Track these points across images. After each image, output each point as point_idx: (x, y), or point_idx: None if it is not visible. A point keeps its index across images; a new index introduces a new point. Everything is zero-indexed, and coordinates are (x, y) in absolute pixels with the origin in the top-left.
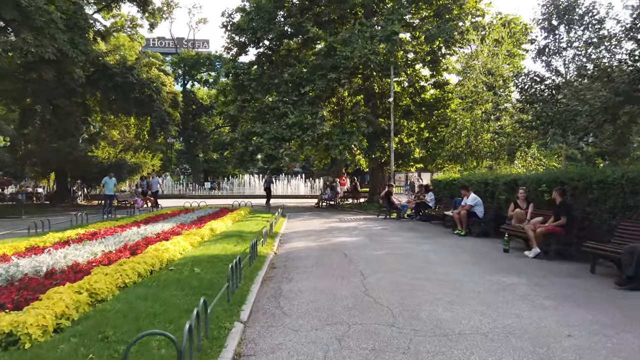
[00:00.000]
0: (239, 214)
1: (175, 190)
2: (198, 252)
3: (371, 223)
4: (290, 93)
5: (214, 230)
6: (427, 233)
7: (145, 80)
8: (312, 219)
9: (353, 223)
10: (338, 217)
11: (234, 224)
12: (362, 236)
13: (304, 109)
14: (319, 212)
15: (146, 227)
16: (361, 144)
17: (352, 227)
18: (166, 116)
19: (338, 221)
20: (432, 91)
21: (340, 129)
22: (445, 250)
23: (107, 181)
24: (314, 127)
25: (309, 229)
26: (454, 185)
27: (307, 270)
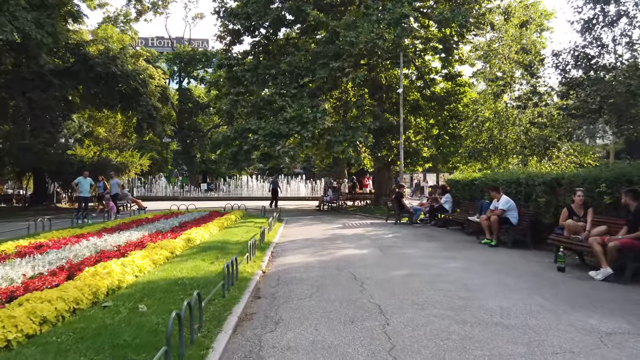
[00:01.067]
0: (229, 219)
1: (169, 192)
2: (159, 273)
3: (380, 229)
4: (288, 85)
5: (192, 240)
6: (448, 243)
7: (131, 72)
8: (313, 225)
9: (359, 229)
10: (342, 222)
11: (220, 232)
12: (372, 247)
13: (304, 102)
14: (321, 216)
15: (110, 237)
16: (367, 141)
17: (358, 234)
18: (154, 111)
19: (342, 227)
20: (441, 85)
21: (343, 124)
22: (482, 269)
23: (81, 182)
24: (314, 122)
25: (308, 237)
26: (474, 186)
27: (304, 303)
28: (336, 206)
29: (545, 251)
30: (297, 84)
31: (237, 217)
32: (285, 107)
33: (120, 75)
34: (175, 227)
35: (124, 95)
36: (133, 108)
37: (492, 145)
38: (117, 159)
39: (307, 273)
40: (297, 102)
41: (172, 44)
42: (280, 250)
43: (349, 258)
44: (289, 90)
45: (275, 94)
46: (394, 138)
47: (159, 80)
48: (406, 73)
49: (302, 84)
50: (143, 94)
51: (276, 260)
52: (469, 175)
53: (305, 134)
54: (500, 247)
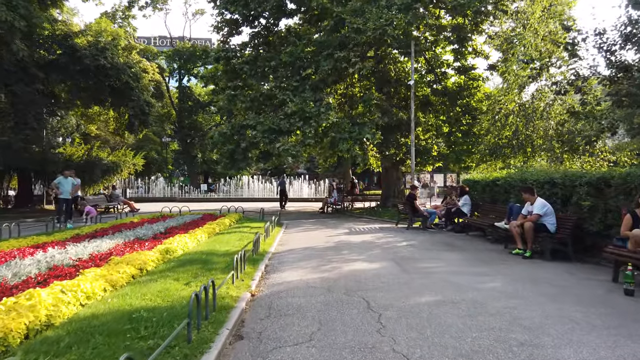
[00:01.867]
0: (222, 224)
1: (168, 193)
2: (113, 301)
3: (391, 236)
4: (289, 77)
5: (171, 251)
6: (474, 253)
7: (121, 64)
8: (316, 229)
9: (367, 236)
10: (347, 227)
11: (209, 239)
12: (386, 260)
13: (306, 96)
14: (324, 219)
15: (76, 247)
16: (374, 138)
17: (367, 242)
18: (146, 107)
19: (348, 233)
20: (453, 79)
21: (349, 120)
22: (530, 292)
23: (61, 182)
24: (317, 117)
25: (310, 245)
26: (497, 187)
27: (299, 352)
28: (341, 208)
29: (591, 264)
30: (299, 77)
31: (232, 221)
32: (286, 101)
33: (110, 68)
34: (159, 234)
35: (114, 89)
36: (124, 103)
37: (516, 141)
38: (108, 157)
39: (307, 298)
40: (299, 95)
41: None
42: (277, 263)
43: (359, 275)
44: (290, 83)
45: (276, 88)
46: (403, 135)
47: (152, 74)
48: (416, 67)
49: (305, 76)
50: (135, 88)
51: (270, 278)
52: (489, 175)
53: (307, 130)
54: (536, 258)
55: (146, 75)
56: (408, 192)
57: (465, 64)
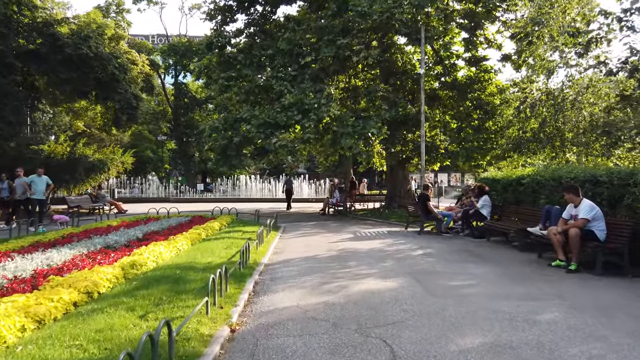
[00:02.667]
0: (211, 228)
1: (163, 193)
2: (15, 356)
3: (402, 241)
4: (287, 66)
5: (138, 266)
6: (506, 265)
7: (107, 54)
8: (316, 234)
9: (376, 242)
10: (352, 231)
11: (192, 247)
12: (404, 275)
13: (305, 86)
14: (325, 222)
15: (23, 259)
16: (380, 133)
17: (376, 249)
18: (134, 100)
19: (353, 238)
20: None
21: (352, 113)
22: (608, 329)
23: (34, 180)
24: (317, 110)
25: (310, 253)
26: (521, 186)
27: None
28: (343, 210)
29: None
30: (298, 65)
31: (223, 225)
32: (283, 92)
33: (93, 57)
34: (133, 241)
35: (99, 82)
36: (110, 97)
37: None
38: (94, 155)
39: (305, 337)
40: (297, 86)
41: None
42: (269, 280)
43: (373, 299)
44: (288, 73)
45: (272, 78)
46: (409, 131)
47: (142, 66)
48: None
49: (304, 65)
50: (122, 80)
51: (258, 302)
52: (511, 173)
53: (306, 124)
54: (583, 272)
55: (135, 67)
56: (420, 193)
57: (476, 55)
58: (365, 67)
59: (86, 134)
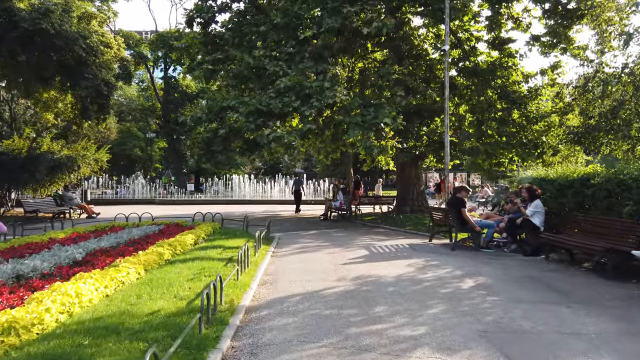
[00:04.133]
0: (182, 243)
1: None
2: None
3: (436, 262)
4: (283, 44)
5: (18, 330)
6: (622, 311)
7: (72, 33)
8: (319, 249)
9: (401, 264)
10: (363, 244)
11: (146, 276)
12: (475, 340)
13: (305, 66)
14: (329, 230)
15: None
16: (395, 123)
17: (407, 279)
18: (105, 87)
19: (368, 256)
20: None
21: (361, 100)
22: None
23: None
24: (320, 94)
25: (313, 287)
26: (588, 188)
27: None
28: (348, 214)
29: None
30: (296, 42)
31: (202, 236)
32: (278, 73)
33: (55, 35)
34: (64, 267)
35: (64, 65)
36: (76, 83)
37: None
38: (62, 151)
39: None
40: (295, 67)
41: None
42: (247, 354)
43: None
44: (284, 51)
45: (265, 57)
46: (423, 124)
47: (117, 50)
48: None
49: (303, 40)
50: (91, 64)
51: None
52: (569, 171)
53: (307, 111)
54: None
55: (109, 50)
56: (450, 196)
57: (501, 36)
58: (376, 45)
59: (61, 128)
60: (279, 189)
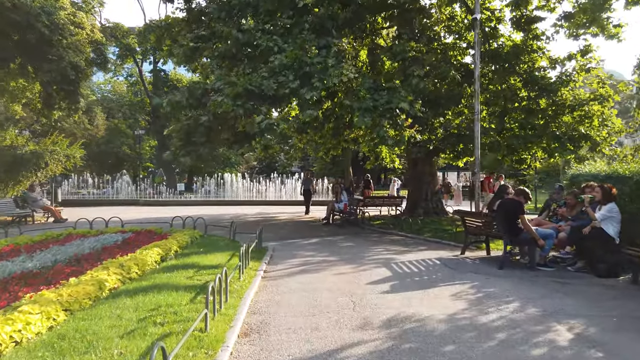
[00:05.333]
0: (141, 262)
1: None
2: None
3: (491, 289)
4: (277, 15)
5: None
6: None
7: (34, 8)
8: (325, 267)
9: (443, 292)
10: (381, 259)
11: (62, 326)
12: None
13: (305, 37)
14: (334, 239)
15: None
16: (413, 109)
17: (464, 320)
18: (72, 71)
19: (393, 278)
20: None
21: (371, 82)
22: None
23: None
24: (322, 72)
25: (323, 345)
26: None
27: None
28: (354, 218)
29: None
30: (294, 11)
31: (175, 249)
32: (272, 49)
33: (12, 9)
34: None
35: (24, 45)
36: (38, 66)
37: None
38: (28, 147)
39: None
40: (293, 41)
41: None
42: None
43: None
44: (280, 23)
45: (256, 31)
46: (439, 114)
47: (90, 32)
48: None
49: (302, 7)
50: (56, 45)
51: None
52: None
53: (307, 94)
54: None
55: (80, 31)
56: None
57: (527, 13)
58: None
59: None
60: (275, 189)
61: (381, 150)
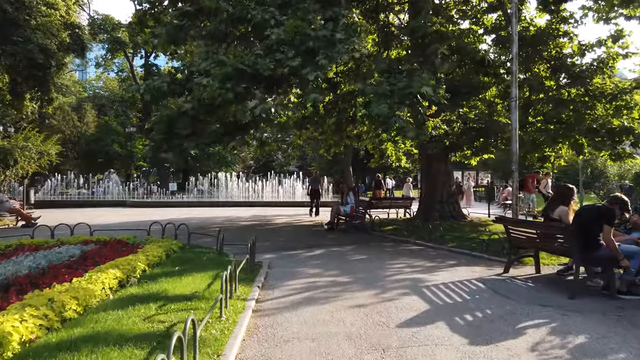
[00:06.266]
0: (85, 294)
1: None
2: None
3: (584, 337)
4: None
5: None
6: None
7: None
8: (337, 295)
9: (515, 344)
10: (405, 279)
11: None
12: None
13: (306, 7)
14: (342, 250)
15: None
16: (436, 94)
17: None
18: (39, 55)
19: (432, 315)
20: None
21: (386, 63)
22: None
23: None
24: (329, 48)
25: None
26: None
27: None
28: (361, 223)
29: None
30: None
31: (142, 267)
32: (268, 23)
33: None
34: None
35: None
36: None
37: None
38: None
39: None
40: (294, 13)
41: None
42: None
43: None
44: None
45: (250, 1)
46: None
47: (65, 14)
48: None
49: None
50: (23, 25)
51: None
52: None
53: (310, 74)
54: None
55: (53, 12)
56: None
57: None
58: None
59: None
60: (272, 189)
61: (387, 147)
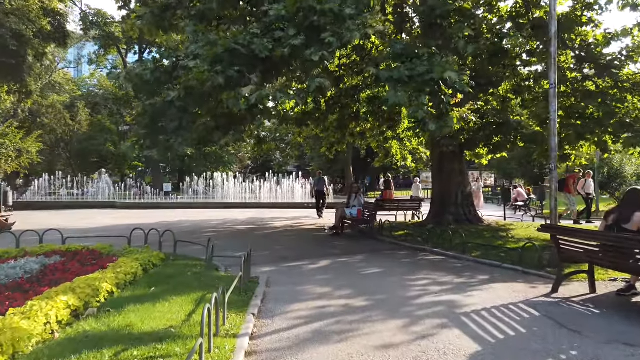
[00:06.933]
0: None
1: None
2: None
3: None
4: None
5: None
6: None
7: None
8: (353, 324)
9: None
10: (436, 303)
11: None
12: None
13: None
14: (349, 260)
15: None
16: (461, 82)
17: None
18: (11, 40)
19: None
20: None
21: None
22: None
23: None
24: (338, 25)
25: None
26: None
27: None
28: (367, 228)
29: None
30: None
31: (108, 289)
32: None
33: None
34: None
35: None
36: None
37: None
38: None
39: None
40: None
41: None
42: None
43: None
44: None
45: None
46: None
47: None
48: None
49: None
50: None
51: None
52: None
53: (314, 56)
54: None
55: None
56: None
57: None
58: None
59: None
60: (270, 190)
61: (391, 145)
